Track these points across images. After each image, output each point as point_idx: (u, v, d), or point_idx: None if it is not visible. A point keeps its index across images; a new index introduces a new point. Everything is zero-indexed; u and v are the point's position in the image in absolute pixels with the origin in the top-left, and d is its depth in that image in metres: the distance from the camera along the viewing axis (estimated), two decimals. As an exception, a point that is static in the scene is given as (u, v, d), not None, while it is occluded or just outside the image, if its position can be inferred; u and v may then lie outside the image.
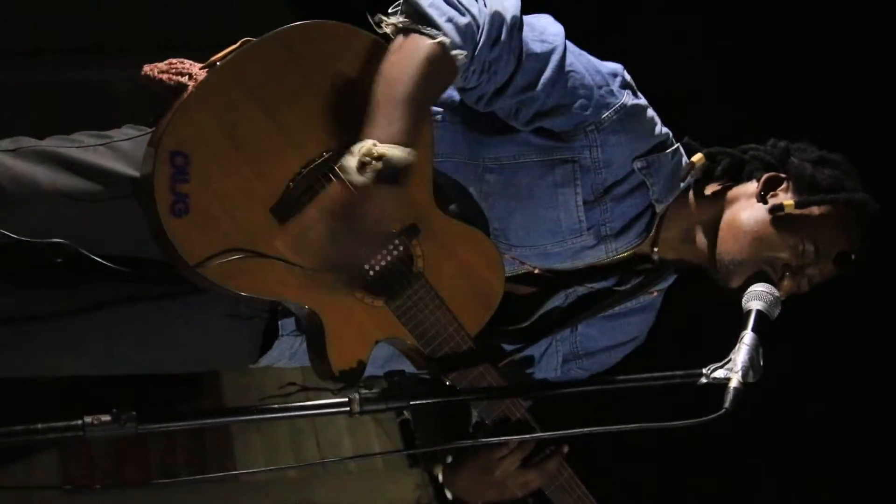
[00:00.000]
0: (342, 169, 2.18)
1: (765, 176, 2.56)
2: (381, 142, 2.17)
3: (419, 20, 2.27)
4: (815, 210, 2.53)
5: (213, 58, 2.31)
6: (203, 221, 2.23)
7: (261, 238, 2.26)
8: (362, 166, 2.16)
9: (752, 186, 2.57)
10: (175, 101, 2.26)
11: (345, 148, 2.24)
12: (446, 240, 2.38)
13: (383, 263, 2.35)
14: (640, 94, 2.51)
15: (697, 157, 2.60)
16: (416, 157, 2.19)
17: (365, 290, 2.35)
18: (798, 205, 2.52)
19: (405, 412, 2.72)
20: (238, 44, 2.31)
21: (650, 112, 2.51)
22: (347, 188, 2.17)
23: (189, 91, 2.25)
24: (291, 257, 2.28)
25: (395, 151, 2.17)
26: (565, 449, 2.58)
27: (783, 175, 2.56)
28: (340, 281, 2.33)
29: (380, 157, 2.16)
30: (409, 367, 2.52)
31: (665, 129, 2.55)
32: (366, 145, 2.17)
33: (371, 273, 2.35)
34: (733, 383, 2.22)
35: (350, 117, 2.27)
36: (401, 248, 2.36)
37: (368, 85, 2.26)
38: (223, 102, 2.25)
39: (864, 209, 2.54)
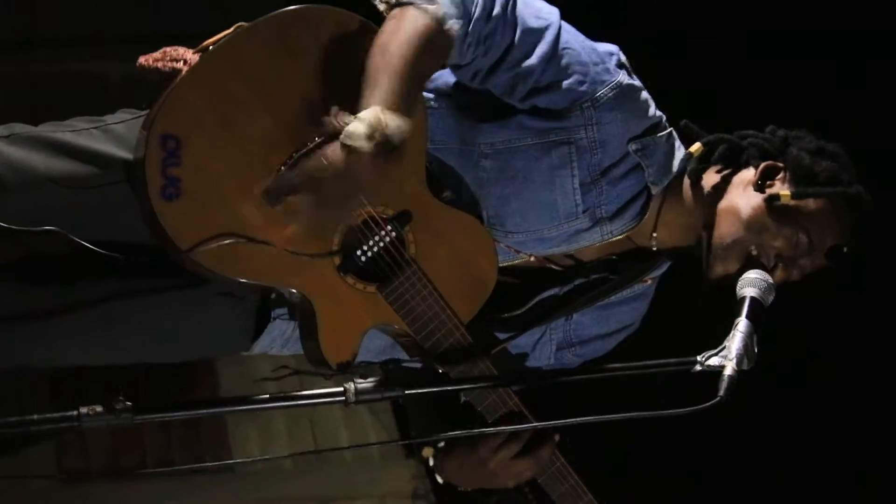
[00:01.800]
0: (348, 135, 2.16)
1: (762, 164, 2.56)
2: (385, 109, 2.17)
3: None
4: (811, 202, 2.53)
5: (206, 42, 2.31)
6: (194, 206, 2.22)
7: (252, 223, 2.26)
8: (370, 136, 2.15)
9: (749, 174, 2.57)
10: (169, 85, 2.26)
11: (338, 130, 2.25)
12: (439, 226, 2.38)
13: (375, 249, 2.35)
14: (634, 75, 2.51)
15: (696, 146, 2.60)
16: (411, 128, 2.19)
17: (357, 276, 2.35)
18: (795, 196, 2.52)
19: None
20: (231, 29, 2.30)
21: (645, 94, 2.52)
22: (343, 152, 2.16)
23: (181, 75, 2.25)
24: (283, 242, 2.27)
25: (398, 122, 2.17)
26: (556, 437, 2.58)
27: (780, 164, 2.56)
28: (332, 266, 2.32)
29: (386, 126, 2.15)
30: (404, 357, 2.52)
31: (659, 112, 2.55)
32: (374, 112, 2.16)
33: (363, 259, 2.35)
34: (728, 371, 2.23)
35: (342, 101, 2.26)
36: (393, 234, 2.36)
37: (361, 68, 2.26)
38: (215, 86, 2.24)
39: (858, 203, 2.55)
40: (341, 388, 2.21)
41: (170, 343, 2.52)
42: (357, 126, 2.16)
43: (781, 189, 2.53)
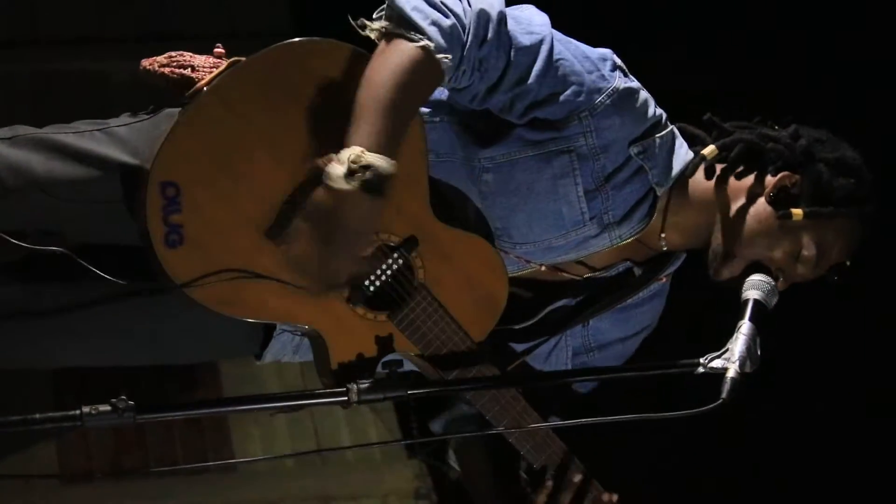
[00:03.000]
0: (328, 176, 2.17)
1: (779, 175, 2.52)
2: (367, 150, 2.16)
3: (402, 25, 2.25)
4: (823, 222, 2.51)
5: (201, 83, 2.29)
6: (197, 251, 2.22)
7: (257, 262, 2.25)
8: (350, 174, 2.15)
9: (765, 180, 2.53)
10: (177, 93, 2.25)
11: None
12: (446, 249, 2.37)
13: (383, 278, 2.35)
14: (631, 76, 2.50)
15: (709, 149, 2.54)
16: (396, 169, 2.18)
17: (366, 306, 2.34)
18: (808, 216, 2.50)
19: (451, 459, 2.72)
20: (225, 65, 2.29)
21: (643, 94, 2.49)
22: (329, 195, 2.16)
23: (177, 119, 2.25)
24: (290, 278, 2.26)
25: (381, 162, 2.16)
26: (615, 498, 2.55)
27: (797, 177, 2.52)
28: (341, 298, 2.32)
29: (367, 167, 2.15)
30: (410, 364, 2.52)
31: (659, 111, 2.52)
32: (354, 152, 2.16)
33: (371, 288, 2.34)
34: (731, 374, 2.22)
35: (340, 134, 2.24)
36: (400, 262, 2.35)
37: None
38: (211, 128, 2.23)
39: (869, 222, 2.54)
40: (344, 388, 2.20)
41: (178, 346, 2.52)
42: (335, 167, 2.16)
43: (794, 208, 2.49)
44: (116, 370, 2.56)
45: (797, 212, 2.49)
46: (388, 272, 2.35)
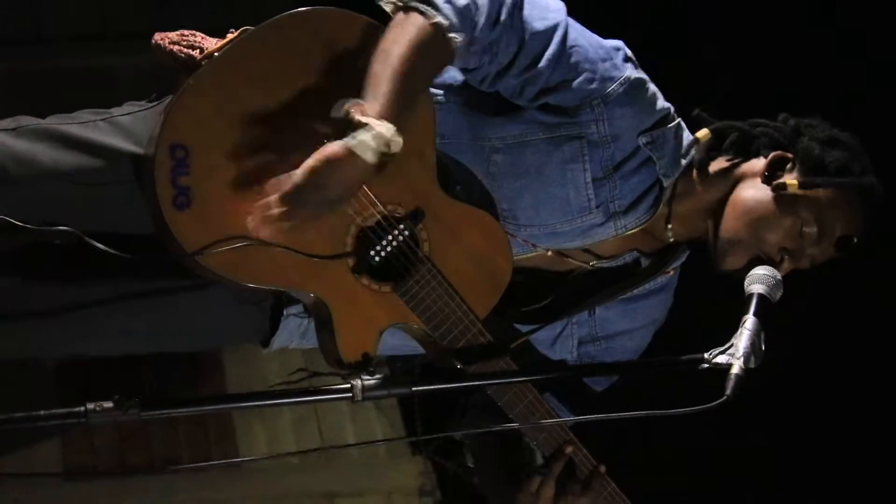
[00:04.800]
0: (360, 144, 2.13)
1: (771, 154, 2.55)
2: (391, 125, 2.16)
3: None
4: (820, 192, 2.52)
5: (212, 48, 2.30)
6: (205, 214, 2.22)
7: None
8: (376, 150, 2.14)
9: (759, 164, 2.56)
10: (181, 78, 2.25)
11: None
12: (452, 222, 2.38)
13: (389, 249, 2.35)
14: (640, 69, 2.51)
15: (702, 132, 2.59)
16: (394, 134, 2.16)
17: (371, 277, 2.35)
18: (802, 186, 2.51)
19: (469, 460, 2.74)
20: (237, 33, 2.30)
21: (652, 86, 2.52)
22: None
23: (188, 82, 2.25)
24: (297, 246, 2.27)
25: (380, 127, 2.14)
26: (602, 468, 2.56)
27: (790, 155, 2.55)
28: (346, 268, 2.32)
29: (360, 126, 2.14)
30: (416, 354, 2.52)
31: (667, 104, 2.55)
32: (386, 128, 2.15)
33: (377, 259, 2.34)
34: (735, 370, 2.21)
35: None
36: (406, 233, 2.36)
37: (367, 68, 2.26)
38: (222, 92, 2.24)
39: (869, 194, 2.54)
40: (348, 385, 2.20)
41: (185, 337, 2.54)
42: (366, 137, 2.14)
43: (789, 179, 2.52)
44: (120, 366, 2.56)
45: (792, 182, 2.51)
46: (394, 244, 2.35)
